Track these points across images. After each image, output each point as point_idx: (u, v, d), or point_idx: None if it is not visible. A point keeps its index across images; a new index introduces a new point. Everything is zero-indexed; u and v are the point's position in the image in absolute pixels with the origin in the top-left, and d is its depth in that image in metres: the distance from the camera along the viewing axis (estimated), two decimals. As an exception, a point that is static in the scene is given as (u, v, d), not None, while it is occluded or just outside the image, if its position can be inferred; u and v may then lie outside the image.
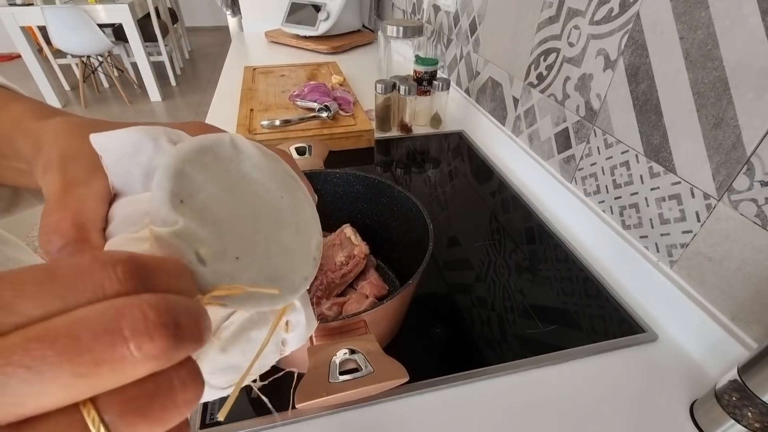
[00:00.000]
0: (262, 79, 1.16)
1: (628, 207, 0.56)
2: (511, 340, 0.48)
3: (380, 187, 0.52)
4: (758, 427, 0.34)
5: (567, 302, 0.53)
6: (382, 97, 0.90)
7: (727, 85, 0.41)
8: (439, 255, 0.61)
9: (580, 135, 0.63)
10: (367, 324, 0.37)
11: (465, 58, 1.01)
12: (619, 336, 0.49)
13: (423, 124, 0.99)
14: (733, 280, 0.43)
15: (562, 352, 0.47)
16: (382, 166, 0.85)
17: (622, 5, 0.52)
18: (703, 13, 0.42)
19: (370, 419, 0.41)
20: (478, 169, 0.83)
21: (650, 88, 0.50)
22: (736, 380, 0.35)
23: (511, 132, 0.84)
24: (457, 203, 0.73)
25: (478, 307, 0.52)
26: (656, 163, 0.50)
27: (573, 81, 0.63)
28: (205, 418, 0.40)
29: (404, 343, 0.47)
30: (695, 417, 0.40)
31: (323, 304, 0.46)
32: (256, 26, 1.73)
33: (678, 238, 0.49)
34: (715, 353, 0.44)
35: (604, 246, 0.59)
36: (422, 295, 0.53)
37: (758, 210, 0.39)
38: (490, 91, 0.90)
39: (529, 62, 0.74)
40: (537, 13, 0.70)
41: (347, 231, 0.54)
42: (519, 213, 0.70)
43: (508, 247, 0.62)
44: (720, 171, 0.43)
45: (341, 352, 0.34)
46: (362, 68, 1.36)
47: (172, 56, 3.81)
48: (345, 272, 0.50)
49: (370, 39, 1.63)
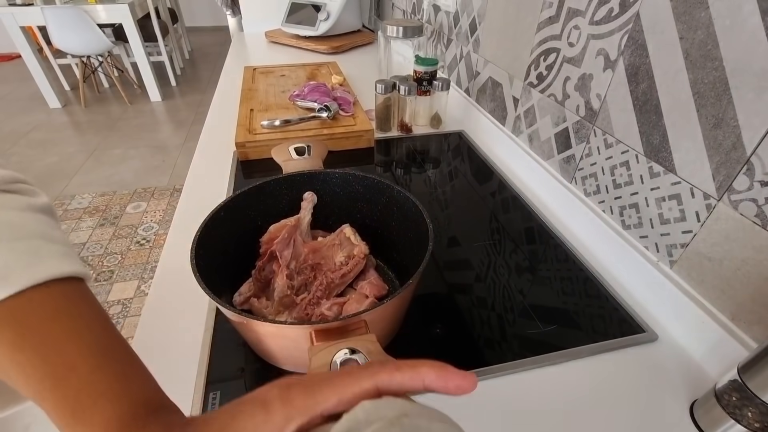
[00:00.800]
0: (262, 79, 1.16)
1: (628, 207, 0.56)
2: (511, 340, 0.48)
3: (380, 187, 0.52)
4: (758, 427, 0.34)
5: (567, 302, 0.53)
6: (382, 97, 0.90)
7: (727, 85, 0.41)
8: (439, 255, 0.61)
9: (580, 135, 0.63)
10: (367, 324, 0.37)
11: (465, 58, 1.01)
12: (619, 336, 0.49)
13: (423, 124, 0.99)
14: (733, 280, 0.43)
15: (562, 352, 0.47)
16: (382, 166, 0.85)
17: (622, 5, 0.52)
18: (703, 13, 0.42)
19: (370, 419, 0.41)
20: (478, 169, 0.83)
21: (650, 88, 0.50)
22: (736, 380, 0.35)
23: (511, 132, 0.84)
24: (457, 203, 0.73)
25: (478, 307, 0.52)
26: (656, 163, 0.50)
27: (573, 81, 0.63)
28: (205, 418, 0.40)
29: (404, 343, 0.47)
30: (695, 417, 0.40)
31: (323, 304, 0.46)
32: (256, 26, 1.73)
33: (678, 238, 0.49)
34: (715, 353, 0.44)
35: (604, 246, 0.59)
36: (422, 295, 0.53)
37: (758, 210, 0.39)
38: (490, 91, 0.90)
39: (529, 62, 0.74)
40: (537, 13, 0.70)
41: (347, 231, 0.54)
42: (519, 213, 0.70)
43: (508, 247, 0.62)
44: (720, 171, 0.43)
45: (342, 352, 0.34)
46: (362, 68, 1.36)
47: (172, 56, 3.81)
48: (345, 272, 0.50)
49: (370, 39, 1.63)
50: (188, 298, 0.52)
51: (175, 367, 0.45)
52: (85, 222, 2.01)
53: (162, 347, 0.47)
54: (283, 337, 0.38)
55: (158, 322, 0.50)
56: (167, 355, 0.46)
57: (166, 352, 0.47)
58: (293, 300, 0.47)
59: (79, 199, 2.17)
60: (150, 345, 0.47)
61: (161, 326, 0.49)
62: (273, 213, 0.53)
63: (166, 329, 0.49)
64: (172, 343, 0.47)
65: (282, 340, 0.39)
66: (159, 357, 0.46)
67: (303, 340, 0.36)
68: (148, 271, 1.76)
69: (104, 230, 1.97)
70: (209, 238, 0.43)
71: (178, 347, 0.47)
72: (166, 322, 0.50)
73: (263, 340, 0.41)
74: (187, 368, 0.44)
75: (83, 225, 1.99)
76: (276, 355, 0.42)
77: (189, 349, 0.46)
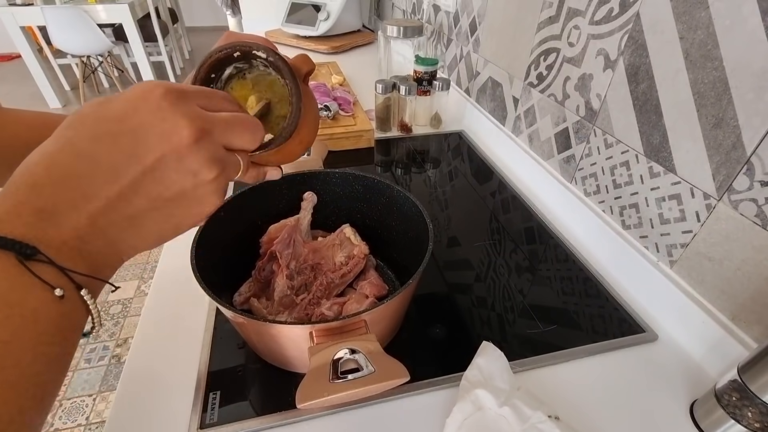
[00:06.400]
0: (262, 79, 1.15)
1: (628, 207, 0.56)
2: (511, 340, 0.48)
3: (380, 187, 0.52)
4: (758, 427, 0.34)
5: (567, 302, 0.53)
6: (382, 97, 0.90)
7: (727, 85, 0.41)
8: (439, 255, 0.61)
9: (580, 135, 0.63)
10: (367, 324, 0.37)
11: (465, 58, 1.01)
12: (619, 336, 0.49)
13: (423, 124, 0.99)
14: (733, 280, 0.43)
15: (562, 352, 0.47)
16: (382, 166, 0.85)
17: (622, 5, 0.52)
18: (703, 13, 0.42)
19: (370, 419, 0.41)
20: (478, 169, 0.83)
21: (650, 88, 0.50)
22: (736, 380, 0.35)
23: (511, 132, 0.84)
24: (457, 203, 0.73)
25: (478, 307, 0.52)
26: (656, 163, 0.50)
27: (573, 81, 0.63)
28: (204, 419, 0.40)
29: (404, 343, 0.47)
30: (695, 417, 0.40)
31: (323, 304, 0.46)
32: (256, 26, 1.72)
33: (678, 238, 0.49)
34: (715, 353, 0.44)
35: (604, 246, 0.59)
36: (422, 295, 0.53)
37: (758, 210, 0.39)
38: (490, 91, 0.90)
39: (529, 62, 0.74)
40: (537, 13, 0.70)
41: (347, 231, 0.54)
42: (519, 213, 0.70)
43: (508, 247, 0.62)
44: (720, 171, 0.43)
45: (342, 351, 0.34)
46: (362, 68, 1.36)
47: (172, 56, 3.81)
48: (345, 272, 0.50)
49: (370, 39, 1.63)
50: (188, 298, 0.52)
51: (176, 367, 0.45)
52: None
53: (162, 347, 0.47)
54: (283, 337, 0.38)
55: (158, 322, 0.50)
56: (167, 355, 0.46)
57: (166, 352, 0.47)
58: (293, 300, 0.47)
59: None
60: (150, 345, 0.47)
61: (161, 326, 0.49)
62: (273, 213, 0.53)
63: (166, 329, 0.49)
64: (173, 344, 0.47)
65: (282, 339, 0.39)
66: (159, 357, 0.46)
67: (303, 340, 0.36)
68: (148, 271, 1.76)
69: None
70: (209, 238, 0.43)
71: (178, 347, 0.47)
72: (166, 322, 0.50)
73: (263, 340, 0.41)
74: (187, 368, 0.44)
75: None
76: (276, 354, 0.42)
77: (189, 349, 0.46)
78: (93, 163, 0.21)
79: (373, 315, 0.37)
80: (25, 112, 0.37)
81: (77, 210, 0.21)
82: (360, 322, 0.37)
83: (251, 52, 0.30)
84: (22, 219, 0.19)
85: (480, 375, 0.41)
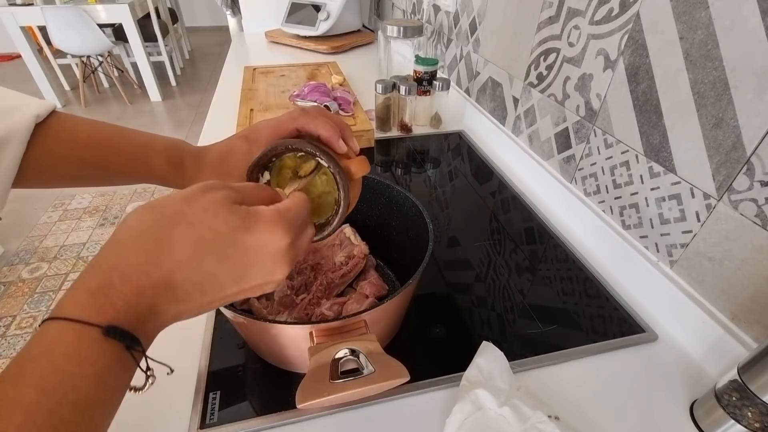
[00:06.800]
0: (262, 79, 1.16)
1: (628, 207, 0.56)
2: (511, 340, 0.48)
3: (380, 187, 0.52)
4: (758, 427, 0.34)
5: (567, 302, 0.53)
6: (382, 97, 0.90)
7: (727, 85, 0.41)
8: (439, 255, 0.61)
9: (580, 135, 0.63)
10: (367, 324, 0.37)
11: (465, 58, 1.01)
12: (619, 336, 0.49)
13: (423, 124, 0.99)
14: (733, 280, 0.43)
15: (562, 352, 0.47)
16: (382, 166, 0.85)
17: (622, 5, 0.52)
18: (703, 13, 0.42)
19: (370, 419, 0.41)
20: (478, 169, 0.83)
21: (650, 88, 0.50)
22: (736, 380, 0.35)
23: (511, 132, 0.84)
24: (457, 203, 0.73)
25: (478, 307, 0.52)
26: (656, 163, 0.50)
27: (573, 81, 0.63)
28: (204, 418, 0.40)
29: (404, 343, 0.47)
30: (695, 417, 0.40)
31: (323, 304, 0.46)
32: (256, 26, 1.72)
33: (678, 238, 0.49)
34: (715, 353, 0.44)
35: (604, 246, 0.59)
36: (422, 295, 0.53)
37: (758, 210, 0.39)
38: (490, 91, 0.90)
39: (529, 62, 0.74)
40: (537, 13, 0.70)
41: (347, 231, 0.54)
42: (519, 213, 0.70)
43: (508, 247, 0.62)
44: (720, 171, 0.43)
45: (342, 351, 0.34)
46: (362, 68, 1.36)
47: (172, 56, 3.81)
48: (345, 272, 0.50)
49: (370, 39, 1.63)
50: (188, 298, 0.51)
51: (176, 368, 0.45)
52: (85, 222, 2.01)
53: (162, 347, 0.47)
54: (283, 337, 0.38)
55: (158, 322, 0.49)
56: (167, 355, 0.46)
57: (166, 352, 0.46)
58: (293, 300, 0.47)
59: (79, 199, 2.16)
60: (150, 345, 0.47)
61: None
62: (273, 213, 0.53)
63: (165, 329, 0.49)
64: (172, 343, 0.47)
65: (282, 339, 0.39)
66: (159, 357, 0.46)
67: (303, 340, 0.36)
68: (148, 271, 1.76)
69: (104, 230, 1.96)
70: (209, 238, 0.43)
71: (178, 347, 0.47)
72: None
73: (263, 340, 0.41)
74: (187, 368, 0.44)
75: (83, 225, 1.99)
76: (276, 354, 0.42)
77: (189, 349, 0.46)
78: (210, 280, 0.25)
79: (373, 315, 0.37)
80: (80, 125, 0.37)
81: (172, 310, 0.25)
82: (360, 322, 0.37)
83: (315, 158, 0.33)
84: (137, 311, 0.23)
85: (480, 375, 0.41)
